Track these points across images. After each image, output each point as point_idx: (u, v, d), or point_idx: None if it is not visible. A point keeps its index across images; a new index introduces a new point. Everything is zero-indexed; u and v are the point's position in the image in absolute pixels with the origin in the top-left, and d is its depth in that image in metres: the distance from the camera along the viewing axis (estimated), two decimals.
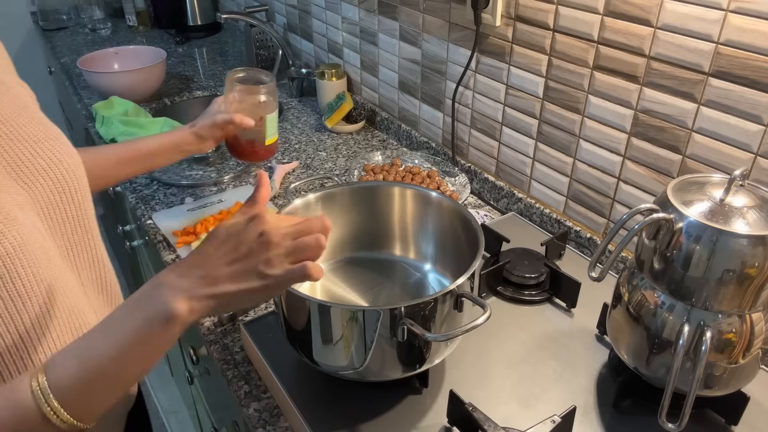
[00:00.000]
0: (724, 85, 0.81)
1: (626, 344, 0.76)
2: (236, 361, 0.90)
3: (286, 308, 0.74)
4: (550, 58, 1.06)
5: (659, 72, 0.89)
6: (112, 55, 1.94)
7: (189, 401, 1.78)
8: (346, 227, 0.92)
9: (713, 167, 0.86)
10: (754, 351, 0.69)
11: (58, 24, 2.65)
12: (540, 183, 1.18)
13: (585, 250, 1.10)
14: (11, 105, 0.66)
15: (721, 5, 0.78)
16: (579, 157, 1.07)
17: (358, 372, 0.73)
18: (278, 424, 0.80)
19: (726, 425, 0.76)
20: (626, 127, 0.97)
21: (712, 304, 0.67)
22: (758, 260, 0.63)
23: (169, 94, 1.89)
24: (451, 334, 0.66)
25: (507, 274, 0.98)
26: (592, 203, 1.08)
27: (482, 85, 1.23)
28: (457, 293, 0.71)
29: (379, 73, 1.58)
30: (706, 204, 0.66)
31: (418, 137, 1.48)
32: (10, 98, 0.67)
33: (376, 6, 1.49)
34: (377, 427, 0.76)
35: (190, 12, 2.43)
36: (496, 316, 0.94)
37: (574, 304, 0.95)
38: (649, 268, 0.71)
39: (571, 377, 0.82)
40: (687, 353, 0.68)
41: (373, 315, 0.68)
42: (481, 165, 1.32)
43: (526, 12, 1.07)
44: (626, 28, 0.91)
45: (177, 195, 1.33)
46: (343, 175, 1.40)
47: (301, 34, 1.95)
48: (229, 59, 2.21)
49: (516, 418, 0.76)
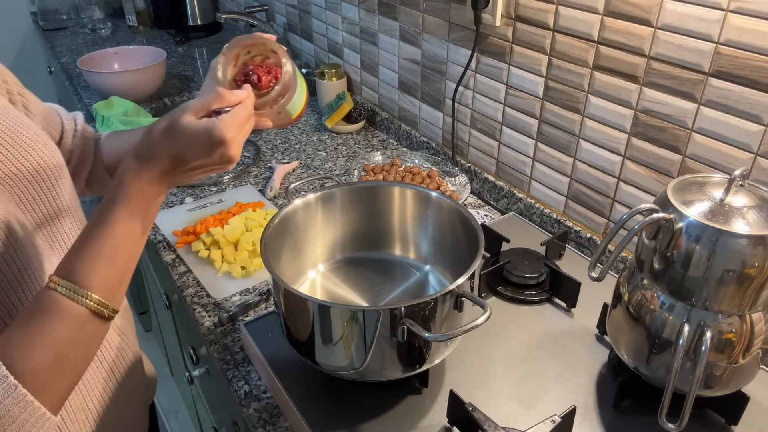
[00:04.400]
0: (724, 85, 0.81)
1: (626, 344, 0.76)
2: (236, 361, 0.90)
3: (286, 308, 0.74)
4: (550, 58, 1.06)
5: (659, 72, 0.89)
6: (112, 55, 1.94)
7: (189, 401, 1.78)
8: (346, 227, 0.92)
9: (713, 167, 0.86)
10: (754, 351, 0.69)
11: (58, 24, 2.65)
12: (540, 183, 1.18)
13: (585, 250, 1.10)
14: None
15: (721, 5, 0.78)
16: (579, 157, 1.07)
17: (358, 372, 0.73)
18: (278, 424, 0.80)
19: (726, 425, 0.76)
20: (626, 127, 0.97)
21: (712, 304, 0.67)
22: (758, 260, 0.63)
23: (169, 94, 1.89)
24: (451, 334, 0.66)
25: (507, 274, 0.98)
26: (592, 203, 1.08)
27: (482, 85, 1.23)
28: (457, 293, 0.71)
29: (379, 73, 1.58)
30: (706, 204, 0.66)
31: (418, 137, 1.48)
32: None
33: (376, 6, 1.49)
34: (377, 427, 0.76)
35: (190, 12, 2.43)
36: (496, 316, 0.94)
37: (574, 304, 0.95)
38: (649, 268, 0.71)
39: (571, 377, 0.82)
40: (687, 353, 0.68)
41: (373, 315, 0.68)
42: (481, 165, 1.32)
43: (526, 12, 1.07)
44: (626, 28, 0.91)
45: (177, 195, 1.33)
46: (343, 175, 1.40)
47: (301, 34, 1.95)
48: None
49: (516, 418, 0.76)
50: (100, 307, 0.59)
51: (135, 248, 0.63)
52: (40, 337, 0.56)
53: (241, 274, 1.07)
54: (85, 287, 0.58)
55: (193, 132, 0.60)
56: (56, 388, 0.57)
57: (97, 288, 0.59)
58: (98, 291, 0.59)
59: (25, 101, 0.77)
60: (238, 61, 0.73)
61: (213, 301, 1.02)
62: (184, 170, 0.62)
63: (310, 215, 0.88)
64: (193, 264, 1.10)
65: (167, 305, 1.38)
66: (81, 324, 0.58)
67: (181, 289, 1.05)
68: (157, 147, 0.61)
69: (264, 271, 1.08)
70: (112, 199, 0.61)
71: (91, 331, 0.59)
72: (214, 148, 0.61)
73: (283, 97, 0.71)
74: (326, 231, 0.91)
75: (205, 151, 0.61)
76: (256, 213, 1.19)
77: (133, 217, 0.61)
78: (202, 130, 0.60)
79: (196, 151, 0.61)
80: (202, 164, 0.62)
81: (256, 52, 0.73)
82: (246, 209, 1.22)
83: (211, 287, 1.05)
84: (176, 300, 1.32)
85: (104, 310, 0.59)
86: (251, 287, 1.05)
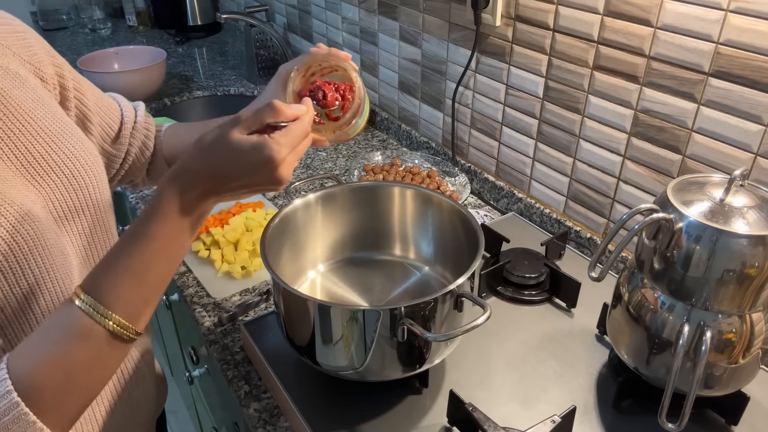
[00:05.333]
0: (724, 85, 0.81)
1: (626, 344, 0.76)
2: (236, 361, 0.90)
3: (286, 308, 0.74)
4: (550, 58, 1.06)
5: (659, 72, 0.89)
6: (112, 55, 1.94)
7: (189, 401, 1.78)
8: (346, 227, 0.92)
9: (713, 167, 0.86)
10: (754, 351, 0.69)
11: (58, 24, 2.65)
12: (540, 183, 1.18)
13: (585, 250, 1.10)
14: (27, 97, 0.64)
15: (721, 5, 0.78)
16: (579, 157, 1.07)
17: (358, 372, 0.73)
18: (278, 424, 0.80)
19: (726, 425, 0.76)
20: (626, 127, 0.96)
21: (712, 304, 0.66)
22: (758, 260, 0.63)
23: (169, 94, 1.89)
24: (451, 334, 0.66)
25: (507, 274, 0.98)
26: (592, 203, 1.08)
27: (482, 85, 1.23)
28: (457, 293, 0.71)
29: (379, 73, 1.58)
30: (706, 204, 0.66)
31: (418, 137, 1.48)
32: (27, 90, 0.65)
33: (376, 6, 1.49)
34: (377, 427, 0.76)
35: (190, 12, 2.43)
36: (496, 316, 0.94)
37: (574, 304, 0.95)
38: (649, 268, 0.71)
39: (571, 377, 0.82)
40: (687, 353, 0.68)
41: (373, 315, 0.67)
42: (481, 165, 1.32)
43: (526, 12, 1.07)
44: (626, 28, 0.91)
45: None
46: (343, 175, 1.40)
47: (301, 34, 1.95)
48: (229, 59, 2.21)
49: (516, 418, 0.76)
50: (120, 329, 0.55)
51: (167, 268, 0.59)
52: (52, 356, 0.53)
53: (241, 274, 1.07)
54: (108, 305, 0.54)
55: (241, 150, 0.56)
56: (64, 410, 0.54)
57: (120, 307, 0.55)
58: (120, 311, 0.55)
59: (80, 96, 0.75)
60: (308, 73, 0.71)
61: (213, 301, 1.02)
62: (228, 189, 0.58)
63: (310, 215, 0.88)
64: (193, 264, 1.10)
65: (167, 305, 1.38)
66: (98, 345, 0.55)
67: (181, 289, 1.05)
68: (201, 162, 0.57)
69: (264, 271, 1.08)
70: (150, 213, 0.57)
71: (109, 352, 0.56)
72: (261, 168, 0.56)
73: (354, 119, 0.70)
74: (326, 231, 0.91)
75: (252, 171, 0.57)
76: (256, 213, 1.19)
77: (169, 234, 0.57)
78: (250, 148, 0.56)
79: (241, 170, 0.57)
80: (247, 183, 0.58)
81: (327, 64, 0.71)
82: (246, 209, 1.22)
83: (211, 287, 1.05)
84: (176, 300, 1.32)
85: (125, 332, 0.55)
86: (251, 287, 1.05)
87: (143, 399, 0.81)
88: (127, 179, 0.90)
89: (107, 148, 0.82)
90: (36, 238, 0.59)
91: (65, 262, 0.63)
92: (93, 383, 0.56)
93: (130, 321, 0.56)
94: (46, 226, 0.62)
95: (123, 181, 0.90)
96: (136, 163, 0.87)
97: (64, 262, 0.63)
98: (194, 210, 0.58)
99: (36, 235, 0.59)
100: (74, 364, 0.54)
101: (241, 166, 0.57)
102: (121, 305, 0.55)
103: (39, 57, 0.70)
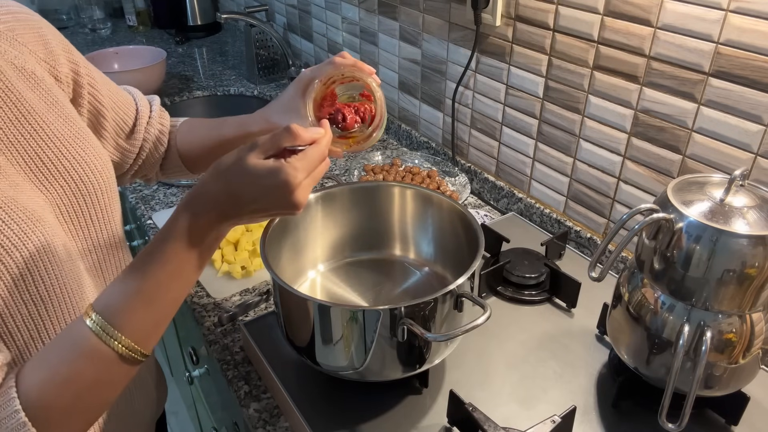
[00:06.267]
0: (724, 85, 0.81)
1: (626, 344, 0.76)
2: (236, 361, 0.90)
3: (286, 308, 0.74)
4: (550, 58, 1.06)
5: (659, 72, 0.89)
6: (112, 55, 1.94)
7: (189, 401, 1.78)
8: (346, 227, 0.92)
9: (713, 167, 0.86)
10: (754, 351, 0.69)
11: (58, 24, 2.65)
12: (540, 183, 1.18)
13: (585, 250, 1.10)
14: (41, 100, 0.64)
15: (721, 5, 0.78)
16: (579, 157, 1.07)
17: (358, 372, 0.73)
18: (278, 424, 0.80)
19: (726, 425, 0.76)
20: (626, 127, 0.96)
21: (712, 304, 0.66)
22: (758, 260, 0.63)
23: (169, 94, 1.89)
24: (451, 334, 0.66)
25: (507, 274, 0.98)
26: (592, 203, 1.08)
27: (482, 85, 1.23)
28: (457, 293, 0.71)
29: (379, 73, 1.58)
30: (706, 204, 0.66)
31: (418, 137, 1.48)
32: (41, 92, 0.65)
33: (376, 6, 1.49)
34: (377, 427, 0.76)
35: (190, 12, 2.43)
36: (496, 316, 0.94)
37: (574, 304, 0.95)
38: (649, 268, 0.71)
39: (571, 377, 0.82)
40: (687, 353, 0.68)
41: (373, 315, 0.67)
42: (481, 165, 1.32)
43: (526, 12, 1.07)
44: (626, 28, 0.91)
45: (177, 195, 1.33)
46: (343, 175, 1.40)
47: (301, 34, 1.95)
48: (229, 59, 2.21)
49: (516, 418, 0.76)
50: (129, 351, 0.55)
51: (180, 292, 0.59)
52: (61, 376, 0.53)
53: (241, 274, 1.07)
54: (118, 327, 0.54)
55: (257, 174, 0.56)
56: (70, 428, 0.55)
57: (130, 330, 0.55)
58: (130, 333, 0.55)
59: (94, 92, 0.74)
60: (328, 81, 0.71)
61: (213, 301, 1.02)
62: (244, 212, 0.58)
63: (310, 215, 0.88)
64: None
65: None
66: (107, 366, 0.55)
67: None
68: (218, 186, 0.57)
69: (264, 271, 1.08)
70: (165, 235, 0.57)
71: (117, 373, 0.56)
72: (277, 192, 0.56)
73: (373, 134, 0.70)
74: (326, 231, 0.91)
75: (268, 195, 0.57)
76: None
77: (184, 257, 0.57)
78: (266, 172, 0.56)
79: (258, 194, 0.57)
80: (263, 207, 0.58)
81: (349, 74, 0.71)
82: None
83: (211, 287, 1.05)
84: None
85: (133, 354, 0.56)
86: (251, 287, 1.05)
87: (143, 400, 0.80)
88: (140, 174, 0.89)
89: (121, 143, 0.81)
90: (46, 243, 0.59)
91: (73, 268, 0.63)
92: (100, 403, 0.57)
93: (139, 343, 0.56)
94: (55, 231, 0.61)
95: (137, 176, 0.90)
96: (150, 157, 0.86)
97: (72, 267, 0.63)
98: (209, 233, 0.58)
99: (46, 241, 0.59)
100: (83, 384, 0.54)
101: (257, 189, 0.57)
102: (131, 327, 0.55)
103: (55, 54, 0.69)
